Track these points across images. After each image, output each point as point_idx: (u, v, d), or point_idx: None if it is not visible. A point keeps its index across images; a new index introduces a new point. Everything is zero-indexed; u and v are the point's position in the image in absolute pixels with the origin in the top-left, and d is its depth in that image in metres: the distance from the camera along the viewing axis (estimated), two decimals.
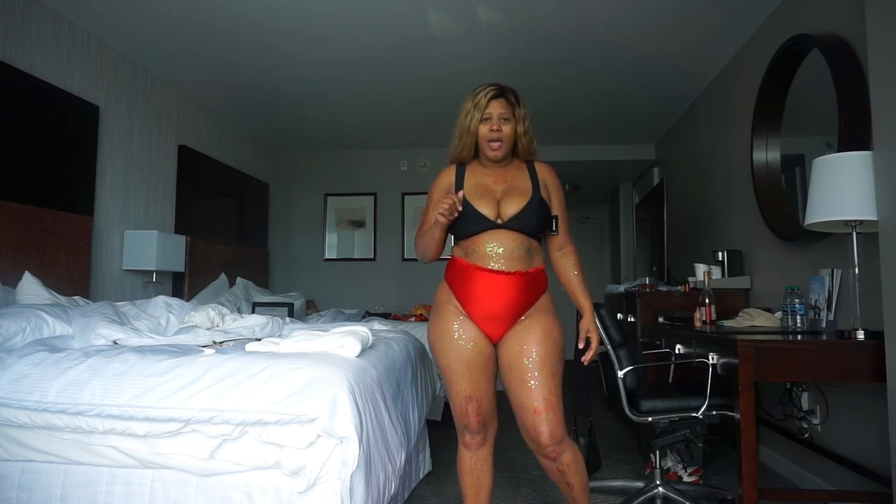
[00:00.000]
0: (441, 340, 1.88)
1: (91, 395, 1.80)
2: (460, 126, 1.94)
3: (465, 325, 1.86)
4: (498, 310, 1.84)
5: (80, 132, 3.35)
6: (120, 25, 3.40)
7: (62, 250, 3.15)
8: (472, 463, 1.94)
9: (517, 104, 1.94)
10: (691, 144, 4.70)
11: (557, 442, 1.80)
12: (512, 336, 1.86)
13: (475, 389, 1.85)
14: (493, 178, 1.94)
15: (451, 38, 3.58)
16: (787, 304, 2.56)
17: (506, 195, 1.89)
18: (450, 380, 1.88)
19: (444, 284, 1.95)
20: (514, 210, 1.86)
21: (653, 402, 2.43)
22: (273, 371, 1.81)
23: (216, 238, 4.74)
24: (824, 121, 2.57)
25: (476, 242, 1.86)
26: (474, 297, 1.85)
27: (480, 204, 1.87)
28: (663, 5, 3.16)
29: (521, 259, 1.85)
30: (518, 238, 1.85)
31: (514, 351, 1.84)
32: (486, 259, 1.84)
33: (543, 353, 1.82)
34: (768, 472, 3.07)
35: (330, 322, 3.79)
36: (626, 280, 6.13)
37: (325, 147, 6.11)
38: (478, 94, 1.92)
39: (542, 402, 1.79)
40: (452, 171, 1.98)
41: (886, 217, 1.88)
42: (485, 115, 1.90)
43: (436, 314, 1.94)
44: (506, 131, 1.89)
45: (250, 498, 1.79)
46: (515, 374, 1.83)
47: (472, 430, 1.89)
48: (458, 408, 1.88)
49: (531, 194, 1.89)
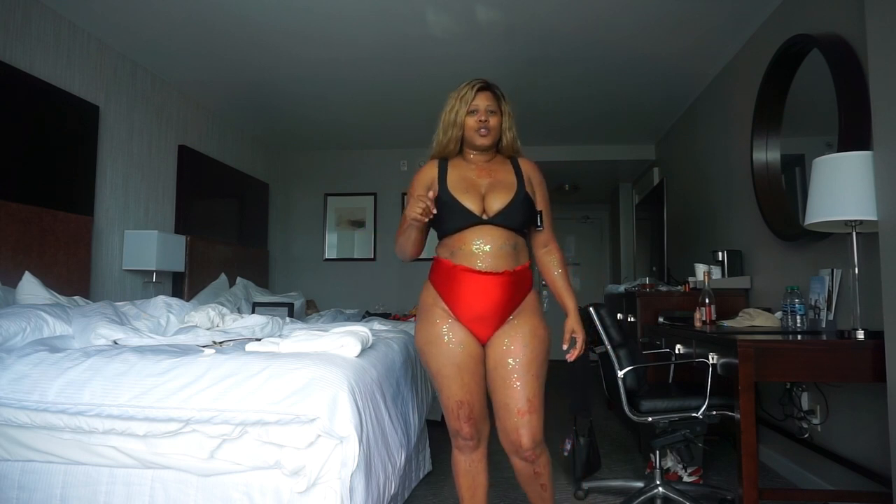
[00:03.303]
0: (430, 344, 1.86)
1: (91, 395, 1.80)
2: (445, 121, 1.92)
3: (454, 328, 1.84)
4: (486, 311, 1.82)
5: (80, 132, 3.35)
6: (120, 25, 3.40)
7: (62, 250, 3.15)
8: (466, 466, 1.93)
9: (503, 98, 1.93)
10: (691, 144, 4.70)
11: (536, 445, 1.80)
12: (499, 336, 1.84)
13: (466, 394, 1.83)
14: (478, 172, 1.91)
15: (450, 38, 3.58)
16: (787, 304, 2.56)
17: (491, 189, 1.86)
18: (441, 384, 1.85)
19: (429, 286, 1.92)
20: (500, 205, 1.83)
21: (653, 402, 2.43)
22: (273, 371, 1.81)
23: (216, 238, 4.74)
24: (824, 121, 2.57)
25: (461, 240, 1.82)
26: (462, 299, 1.82)
27: (465, 198, 1.83)
28: (663, 5, 3.16)
29: (507, 257, 1.82)
30: (504, 235, 1.82)
31: (501, 351, 1.83)
32: (473, 259, 1.81)
33: (530, 355, 1.81)
34: (768, 472, 3.07)
35: (330, 322, 3.79)
36: (626, 280, 6.13)
37: (325, 147, 6.11)
38: (462, 88, 1.90)
39: (526, 404, 1.79)
40: (435, 166, 1.94)
41: (886, 217, 1.88)
42: (471, 108, 1.88)
43: (423, 317, 1.90)
44: (493, 122, 1.88)
45: (250, 498, 1.79)
46: (500, 373, 1.82)
47: (464, 437, 1.88)
48: (450, 413, 1.86)
49: (516, 188, 1.87)
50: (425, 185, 1.93)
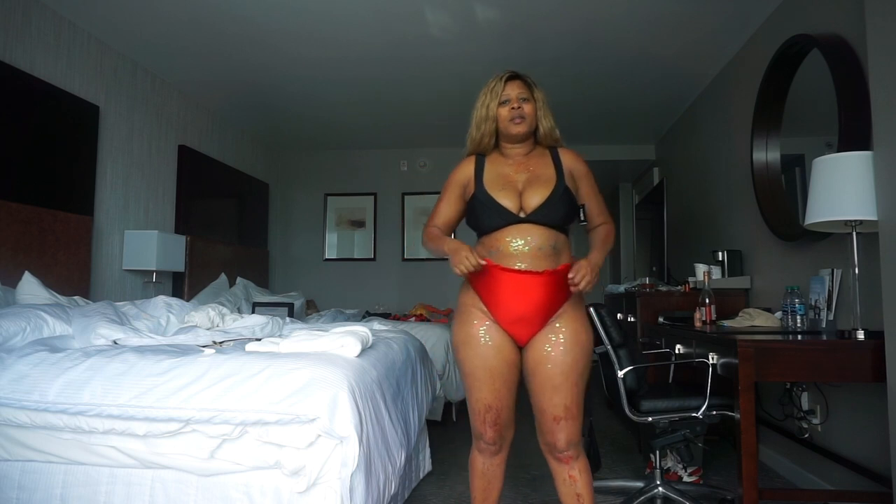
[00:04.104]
0: (465, 345, 1.81)
1: (91, 395, 1.80)
2: (477, 117, 1.86)
3: (491, 330, 1.78)
4: (527, 312, 1.75)
5: (80, 132, 3.35)
6: (120, 25, 3.40)
7: (62, 250, 3.15)
8: (484, 468, 1.88)
9: (534, 86, 1.87)
10: (691, 144, 4.70)
11: (571, 446, 1.78)
12: (540, 338, 1.78)
13: (496, 399, 1.79)
14: (515, 167, 1.84)
15: (450, 38, 3.58)
16: (787, 304, 2.55)
17: (528, 185, 1.79)
18: (471, 386, 1.81)
19: (467, 287, 1.86)
20: (537, 201, 1.76)
21: (653, 402, 2.43)
22: (273, 371, 1.81)
23: (216, 238, 4.74)
24: (824, 121, 2.57)
25: (499, 240, 1.76)
26: (501, 301, 1.76)
27: (501, 196, 1.77)
28: (663, 5, 3.16)
29: (547, 257, 1.75)
30: (544, 233, 1.75)
31: (541, 355, 1.77)
32: (511, 259, 1.74)
33: (570, 362, 1.76)
34: (768, 472, 3.07)
35: (330, 322, 3.79)
36: (626, 280, 6.13)
37: (325, 147, 6.11)
38: (491, 82, 1.85)
39: (563, 411, 1.76)
40: (472, 163, 1.88)
41: (886, 217, 1.88)
42: (502, 98, 1.82)
43: (461, 317, 1.85)
44: (527, 110, 1.81)
45: (250, 498, 1.79)
46: (539, 378, 1.78)
47: (487, 441, 1.84)
48: (476, 415, 1.82)
49: (555, 182, 1.79)
50: (461, 184, 1.88)
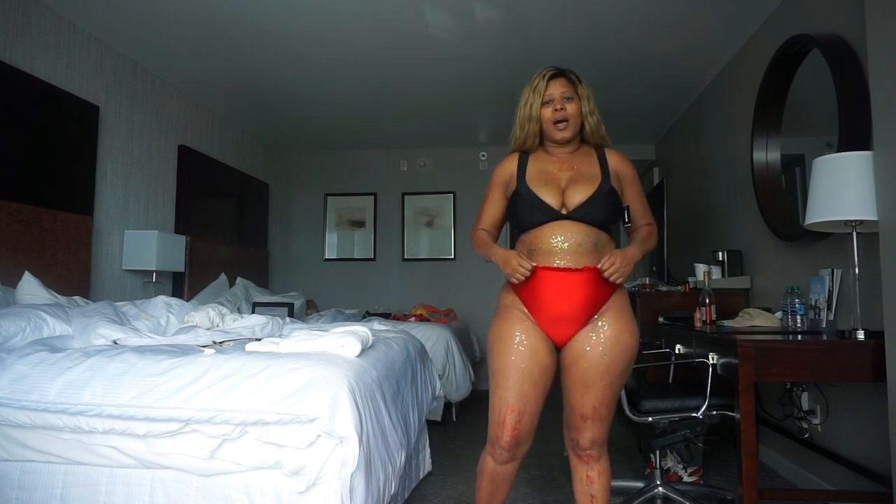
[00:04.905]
0: (499, 341, 1.77)
1: (91, 395, 1.80)
2: (520, 116, 1.83)
3: (528, 332, 1.74)
4: (568, 311, 1.71)
5: (80, 132, 3.35)
6: (120, 25, 3.40)
7: (62, 250, 3.15)
8: (493, 473, 1.80)
9: (579, 82, 1.82)
10: (691, 144, 4.70)
11: (594, 446, 1.77)
12: (581, 336, 1.74)
13: (520, 401, 1.72)
14: (559, 164, 1.81)
15: (450, 39, 3.58)
16: (787, 304, 2.56)
17: (572, 183, 1.75)
18: (496, 384, 1.75)
19: (507, 288, 1.82)
20: (580, 198, 1.72)
21: (653, 403, 2.43)
22: (273, 371, 1.81)
23: (216, 238, 4.74)
24: (824, 121, 2.57)
25: (539, 237, 1.73)
26: (542, 300, 1.72)
27: (544, 192, 1.74)
28: (663, 5, 3.16)
29: (588, 253, 1.70)
30: (585, 230, 1.71)
31: (577, 352, 1.73)
32: (551, 256, 1.71)
33: (607, 363, 1.72)
34: (768, 472, 3.07)
35: (330, 322, 3.79)
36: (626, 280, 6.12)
37: (325, 147, 6.11)
38: (535, 79, 1.81)
39: (591, 411, 1.74)
40: (515, 160, 1.85)
41: (886, 217, 1.88)
42: (546, 98, 1.79)
43: (499, 316, 1.81)
44: (571, 110, 1.77)
45: (250, 498, 1.79)
46: (573, 375, 1.75)
47: (502, 446, 1.74)
48: (496, 415, 1.75)
49: (600, 181, 1.75)
50: (504, 181, 1.86)
